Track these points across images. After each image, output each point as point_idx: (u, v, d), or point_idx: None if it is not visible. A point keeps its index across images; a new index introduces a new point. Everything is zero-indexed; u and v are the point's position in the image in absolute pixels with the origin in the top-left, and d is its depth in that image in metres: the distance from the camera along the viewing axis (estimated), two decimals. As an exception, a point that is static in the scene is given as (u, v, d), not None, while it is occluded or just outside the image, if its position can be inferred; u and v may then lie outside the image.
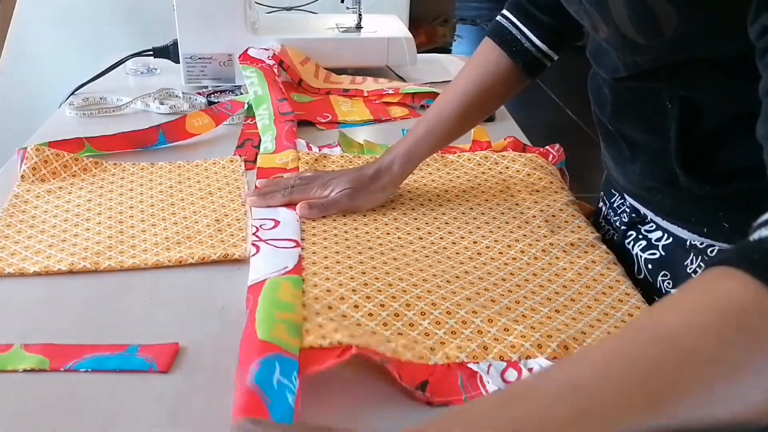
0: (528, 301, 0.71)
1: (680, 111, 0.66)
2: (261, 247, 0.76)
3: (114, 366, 0.60)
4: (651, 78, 0.67)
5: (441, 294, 0.70)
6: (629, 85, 0.71)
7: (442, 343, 0.64)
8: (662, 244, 0.79)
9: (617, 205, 0.88)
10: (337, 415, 0.57)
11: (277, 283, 0.68)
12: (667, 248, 0.78)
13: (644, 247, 0.82)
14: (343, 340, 0.59)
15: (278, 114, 1.12)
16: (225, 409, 0.57)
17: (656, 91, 0.68)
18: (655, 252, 0.80)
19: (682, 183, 0.69)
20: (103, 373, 0.61)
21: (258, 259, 0.74)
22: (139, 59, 1.35)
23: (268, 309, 0.63)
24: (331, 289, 0.69)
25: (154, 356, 0.61)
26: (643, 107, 0.71)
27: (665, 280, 0.78)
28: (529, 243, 0.82)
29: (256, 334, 0.59)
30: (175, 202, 0.88)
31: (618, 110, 0.75)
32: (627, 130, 0.75)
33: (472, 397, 0.59)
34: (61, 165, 0.94)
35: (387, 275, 0.73)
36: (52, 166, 0.93)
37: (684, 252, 0.76)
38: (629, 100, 0.73)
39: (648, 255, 0.81)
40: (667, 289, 0.78)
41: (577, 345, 0.63)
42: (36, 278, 0.73)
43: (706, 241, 0.73)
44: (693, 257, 0.75)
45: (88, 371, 0.60)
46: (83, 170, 0.96)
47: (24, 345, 0.63)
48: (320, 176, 0.89)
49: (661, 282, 0.79)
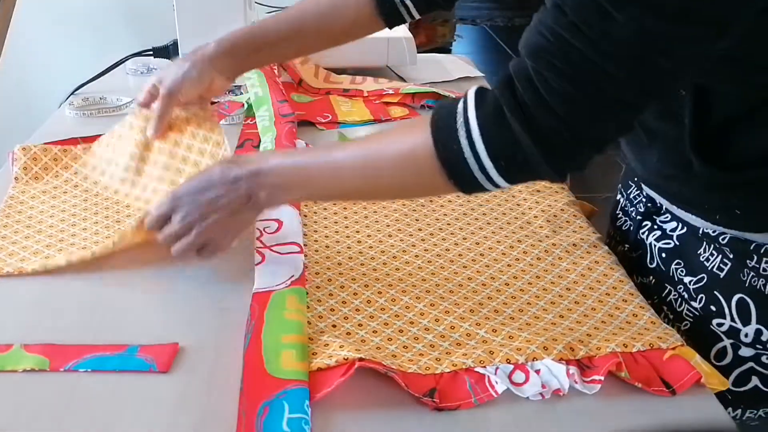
0: (532, 308, 0.70)
1: (695, 98, 0.67)
2: (266, 255, 0.76)
3: (114, 366, 0.60)
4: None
5: (444, 307, 0.70)
6: None
7: (447, 353, 0.63)
8: (677, 234, 0.80)
9: (633, 196, 0.89)
10: (346, 422, 0.57)
11: (283, 299, 0.68)
12: (681, 238, 0.79)
13: (659, 237, 0.82)
14: (348, 356, 0.59)
15: (279, 116, 1.12)
16: (225, 409, 0.57)
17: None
18: (669, 241, 0.80)
19: (696, 169, 0.70)
20: (103, 373, 0.60)
21: (263, 268, 0.74)
22: (139, 59, 1.34)
23: (276, 333, 0.63)
24: (335, 308, 0.69)
25: (154, 356, 0.61)
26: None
27: (678, 268, 0.79)
28: (532, 243, 0.81)
29: (263, 363, 0.60)
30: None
31: None
32: (644, 117, 0.75)
33: (481, 398, 0.59)
34: (51, 159, 0.94)
35: (390, 288, 0.72)
36: (42, 162, 0.93)
37: (697, 241, 0.76)
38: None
39: (662, 244, 0.81)
40: (680, 277, 0.78)
41: (582, 346, 0.63)
42: (35, 278, 0.73)
43: (718, 229, 0.74)
44: (706, 245, 0.76)
45: (88, 371, 0.60)
46: (73, 159, 0.95)
47: (24, 345, 0.63)
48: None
49: (674, 270, 0.79)
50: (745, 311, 0.73)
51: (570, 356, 0.62)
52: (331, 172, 0.66)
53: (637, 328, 0.67)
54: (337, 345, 0.61)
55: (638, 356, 0.62)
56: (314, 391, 0.57)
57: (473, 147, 0.57)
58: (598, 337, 0.66)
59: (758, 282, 0.72)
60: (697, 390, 0.61)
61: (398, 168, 0.62)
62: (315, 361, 0.60)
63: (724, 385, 0.62)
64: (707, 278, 0.75)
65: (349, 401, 0.59)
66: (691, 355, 0.63)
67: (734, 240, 0.73)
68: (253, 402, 0.56)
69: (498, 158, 0.57)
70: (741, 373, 0.74)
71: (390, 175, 0.63)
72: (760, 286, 0.71)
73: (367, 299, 0.71)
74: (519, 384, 0.60)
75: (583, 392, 0.60)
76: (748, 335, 0.73)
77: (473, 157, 0.57)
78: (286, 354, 0.60)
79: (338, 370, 0.58)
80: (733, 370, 0.74)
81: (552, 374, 0.60)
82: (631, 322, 0.69)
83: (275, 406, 0.55)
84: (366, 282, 0.73)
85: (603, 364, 0.61)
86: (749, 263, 0.72)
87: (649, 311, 0.70)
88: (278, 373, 0.58)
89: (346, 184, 0.68)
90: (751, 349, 0.73)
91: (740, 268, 0.73)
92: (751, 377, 0.75)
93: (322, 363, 0.59)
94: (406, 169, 0.62)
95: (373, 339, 0.65)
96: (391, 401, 0.59)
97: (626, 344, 0.63)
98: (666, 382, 0.61)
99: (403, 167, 0.62)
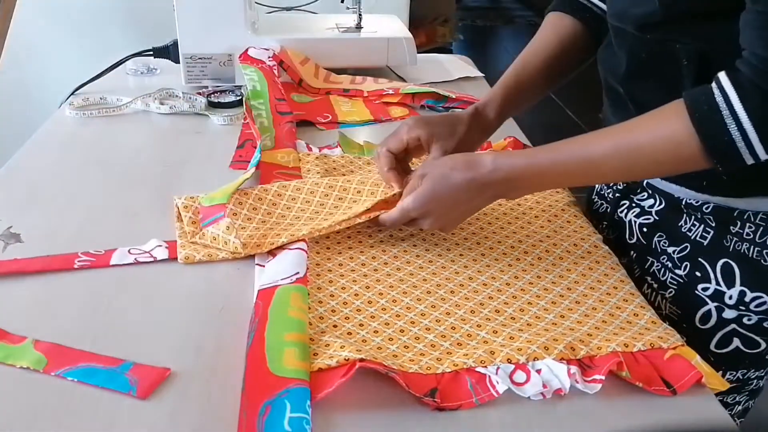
0: (533, 308, 0.70)
1: (696, 68, 0.70)
2: (275, 252, 0.76)
3: (99, 382, 0.59)
4: (678, 27, 0.70)
5: (445, 308, 0.70)
6: (653, 38, 0.73)
7: (448, 353, 0.64)
8: (655, 210, 0.83)
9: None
10: (346, 422, 0.57)
11: (287, 295, 0.68)
12: (660, 213, 0.83)
13: (638, 214, 0.85)
14: (349, 356, 0.59)
15: (276, 113, 1.12)
16: (225, 409, 0.57)
17: (673, 51, 0.71)
18: (649, 217, 0.84)
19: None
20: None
21: (269, 264, 0.74)
22: (139, 59, 1.34)
23: (279, 332, 0.63)
24: (336, 309, 0.69)
25: (140, 378, 0.59)
26: (659, 67, 0.74)
27: (661, 240, 0.83)
28: (532, 244, 0.81)
29: (265, 361, 0.60)
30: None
31: (632, 72, 0.78)
32: (638, 91, 0.78)
33: (482, 398, 0.59)
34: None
35: (391, 289, 0.73)
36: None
37: (678, 213, 0.80)
38: (645, 60, 0.76)
39: (642, 220, 0.85)
40: (663, 248, 0.82)
41: (583, 346, 0.63)
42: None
43: (701, 199, 0.77)
44: (686, 217, 0.80)
45: (74, 381, 0.60)
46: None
47: (35, 340, 0.63)
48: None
49: (656, 242, 0.83)
50: (729, 274, 0.77)
51: (571, 356, 0.62)
52: (589, 167, 0.71)
53: (638, 328, 0.67)
54: (338, 345, 0.61)
55: (639, 356, 0.62)
56: (315, 392, 0.57)
57: (745, 137, 0.62)
58: (599, 336, 0.66)
59: (742, 246, 0.76)
60: (698, 390, 0.61)
61: (657, 159, 0.68)
62: (316, 362, 0.60)
63: (724, 386, 0.62)
64: (690, 247, 0.79)
65: (349, 401, 0.59)
66: (692, 355, 0.63)
67: (717, 208, 0.77)
68: (255, 401, 0.56)
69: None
70: (723, 335, 0.79)
71: (648, 163, 0.69)
72: (744, 249, 0.76)
73: (368, 300, 0.71)
74: (520, 384, 0.60)
75: (583, 392, 0.60)
76: (732, 297, 0.77)
77: (746, 147, 0.63)
78: (288, 352, 0.60)
79: (339, 371, 0.58)
80: (716, 333, 0.79)
81: (553, 374, 0.60)
82: (632, 321, 0.69)
83: (277, 405, 0.55)
84: (367, 283, 0.73)
85: (604, 363, 0.61)
86: (732, 229, 0.76)
87: (650, 311, 0.70)
88: (280, 371, 0.58)
89: (601, 177, 0.80)
90: (734, 311, 0.78)
91: (723, 235, 0.77)
92: (733, 339, 0.79)
93: (323, 363, 0.59)
94: (665, 158, 0.68)
95: (374, 339, 0.65)
96: (392, 401, 0.59)
97: (627, 344, 0.63)
98: (667, 381, 0.61)
99: (662, 157, 0.68)
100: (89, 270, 0.75)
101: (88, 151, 1.04)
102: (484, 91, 1.34)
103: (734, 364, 0.81)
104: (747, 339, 0.79)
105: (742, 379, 0.83)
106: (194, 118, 1.17)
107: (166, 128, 1.15)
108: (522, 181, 0.74)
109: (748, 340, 0.79)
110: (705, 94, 0.64)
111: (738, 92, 0.62)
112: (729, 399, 0.85)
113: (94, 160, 1.01)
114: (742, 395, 0.86)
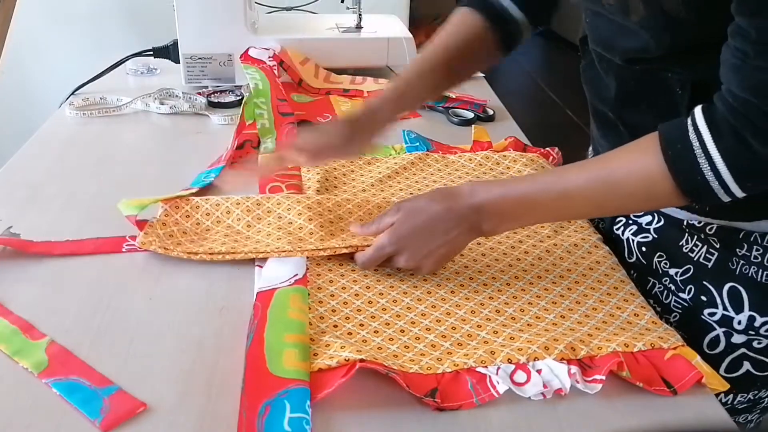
0: (533, 308, 0.70)
1: (691, 96, 0.67)
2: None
3: (74, 400, 0.58)
4: (671, 60, 0.68)
5: (445, 309, 0.70)
6: (642, 68, 0.71)
7: (449, 353, 0.63)
8: (654, 227, 0.81)
9: None
10: (347, 422, 0.57)
11: (286, 297, 0.68)
12: (659, 230, 0.80)
13: (635, 231, 0.83)
14: (349, 356, 0.59)
15: (278, 114, 1.12)
16: (225, 409, 0.57)
17: (664, 79, 0.69)
18: (648, 235, 0.81)
19: None
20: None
21: (267, 267, 0.74)
22: (139, 59, 1.34)
23: (279, 332, 0.63)
24: (336, 309, 0.69)
25: (114, 407, 0.57)
26: (652, 94, 0.72)
27: (661, 261, 0.80)
28: (533, 244, 0.81)
29: (265, 362, 0.60)
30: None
31: (623, 99, 0.75)
32: (631, 117, 0.75)
33: (483, 399, 0.59)
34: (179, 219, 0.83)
35: (391, 289, 0.72)
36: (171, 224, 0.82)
37: (679, 232, 0.77)
38: (635, 88, 0.73)
39: (640, 238, 0.82)
40: (664, 269, 0.79)
41: (584, 346, 0.63)
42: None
43: (704, 220, 0.74)
44: (688, 237, 0.77)
45: (55, 392, 0.59)
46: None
47: (51, 341, 0.64)
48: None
49: (657, 263, 0.80)
50: (737, 299, 0.74)
51: (571, 356, 0.62)
52: (562, 201, 0.69)
53: (639, 328, 0.67)
54: (339, 345, 0.61)
55: (639, 356, 0.62)
56: (315, 392, 0.57)
57: (719, 177, 0.60)
58: (599, 337, 0.66)
59: (749, 270, 0.73)
60: (698, 390, 0.61)
61: (631, 193, 0.66)
62: (316, 362, 0.60)
63: (723, 387, 0.62)
64: (694, 269, 0.76)
65: (349, 401, 0.59)
66: (692, 355, 0.63)
67: (722, 230, 0.74)
68: (255, 401, 0.56)
69: (745, 181, 0.60)
70: (733, 360, 0.76)
71: (620, 198, 0.67)
72: (751, 273, 0.73)
73: (369, 300, 0.71)
74: (520, 384, 0.60)
75: (584, 392, 0.60)
76: (741, 322, 0.74)
77: (720, 186, 0.61)
78: (288, 353, 0.60)
79: (339, 371, 0.58)
80: (725, 358, 0.76)
81: (553, 374, 0.60)
82: (632, 322, 0.69)
83: (276, 406, 0.55)
84: (367, 283, 0.73)
85: (604, 363, 0.61)
86: (738, 252, 0.73)
87: (650, 311, 0.70)
88: (280, 372, 0.58)
89: (575, 211, 0.73)
90: (743, 336, 0.75)
91: (729, 257, 0.74)
92: (743, 362, 0.77)
93: (323, 364, 0.59)
94: (638, 194, 0.66)
95: (375, 339, 0.65)
96: (392, 401, 0.59)
97: (627, 344, 0.63)
98: (667, 381, 0.61)
99: (635, 193, 0.66)
100: (89, 270, 0.75)
101: (88, 151, 1.04)
102: (485, 90, 1.34)
103: (746, 387, 0.79)
104: (757, 362, 0.76)
105: (754, 400, 0.81)
106: (194, 118, 1.17)
107: (166, 128, 1.15)
108: (498, 209, 0.70)
109: (759, 363, 0.77)
110: (680, 130, 0.62)
111: (712, 132, 0.60)
112: (740, 419, 0.83)
113: (94, 160, 1.01)
114: (753, 413, 0.83)
